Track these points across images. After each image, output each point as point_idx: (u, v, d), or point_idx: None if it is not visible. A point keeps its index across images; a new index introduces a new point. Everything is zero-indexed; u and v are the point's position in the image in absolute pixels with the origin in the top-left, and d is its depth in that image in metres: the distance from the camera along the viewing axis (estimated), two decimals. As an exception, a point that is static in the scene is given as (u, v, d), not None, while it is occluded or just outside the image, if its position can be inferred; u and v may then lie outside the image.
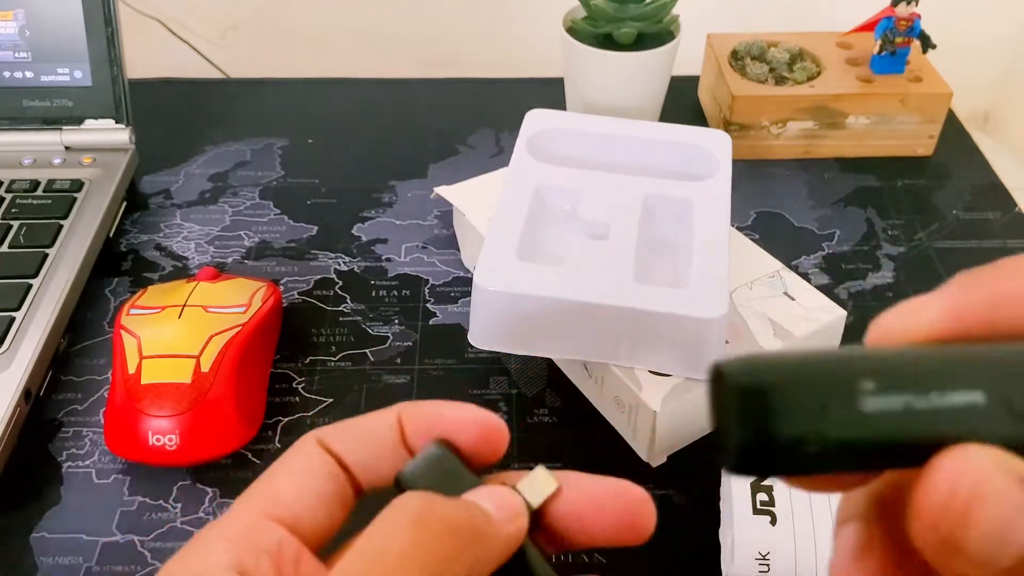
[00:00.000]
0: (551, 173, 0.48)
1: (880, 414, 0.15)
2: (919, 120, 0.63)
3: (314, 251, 0.56)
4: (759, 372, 0.15)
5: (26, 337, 0.46)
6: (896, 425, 0.15)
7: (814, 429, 0.15)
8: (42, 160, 0.58)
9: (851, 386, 0.15)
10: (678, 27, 0.61)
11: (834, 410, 0.15)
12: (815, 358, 0.16)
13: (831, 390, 0.15)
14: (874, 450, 0.15)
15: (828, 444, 0.15)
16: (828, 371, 0.15)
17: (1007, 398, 0.15)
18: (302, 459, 0.24)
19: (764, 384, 0.15)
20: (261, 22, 0.88)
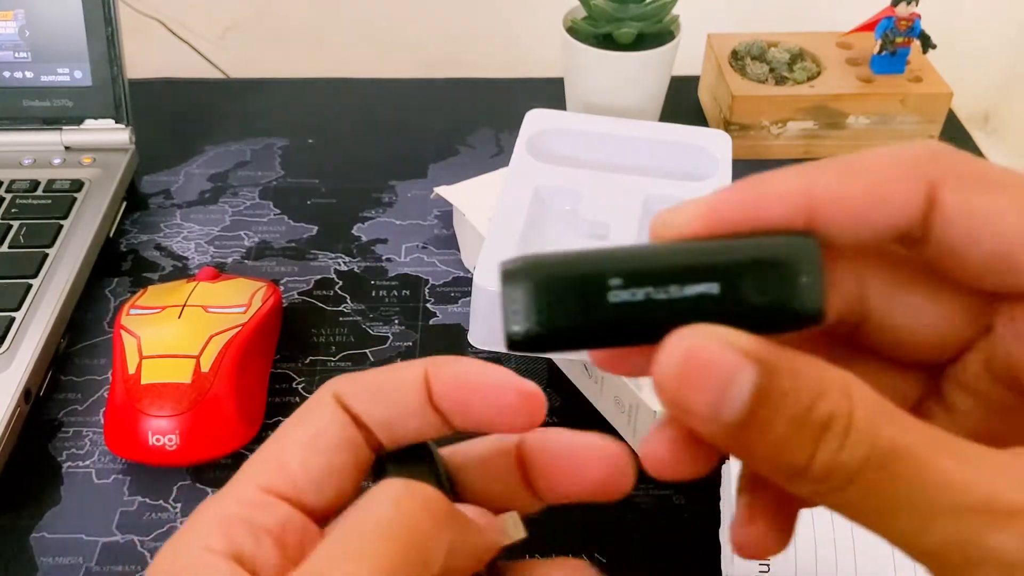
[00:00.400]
0: (551, 173, 0.48)
1: (624, 304, 0.18)
2: (919, 120, 0.63)
3: (314, 251, 0.56)
4: (530, 270, 0.19)
5: (26, 337, 0.46)
6: (637, 313, 0.18)
7: (571, 317, 0.18)
8: (42, 160, 0.58)
9: (602, 282, 0.18)
10: (678, 27, 0.61)
11: (588, 302, 0.18)
12: (577, 258, 0.19)
13: (585, 286, 0.18)
14: (620, 333, 0.19)
15: (582, 329, 0.18)
16: (585, 270, 0.18)
17: (736, 287, 0.18)
18: (315, 422, 0.22)
19: (532, 279, 0.18)
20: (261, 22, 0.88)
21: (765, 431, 0.17)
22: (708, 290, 0.18)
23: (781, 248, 0.19)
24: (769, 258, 0.19)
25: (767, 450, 0.18)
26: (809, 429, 0.17)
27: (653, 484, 0.43)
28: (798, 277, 0.19)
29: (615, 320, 0.18)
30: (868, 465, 0.17)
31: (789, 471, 0.18)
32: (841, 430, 0.17)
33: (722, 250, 0.19)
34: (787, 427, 0.17)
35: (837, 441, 0.17)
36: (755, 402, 0.17)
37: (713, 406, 0.17)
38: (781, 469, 0.18)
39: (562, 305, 0.18)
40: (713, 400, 0.17)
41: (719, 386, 0.17)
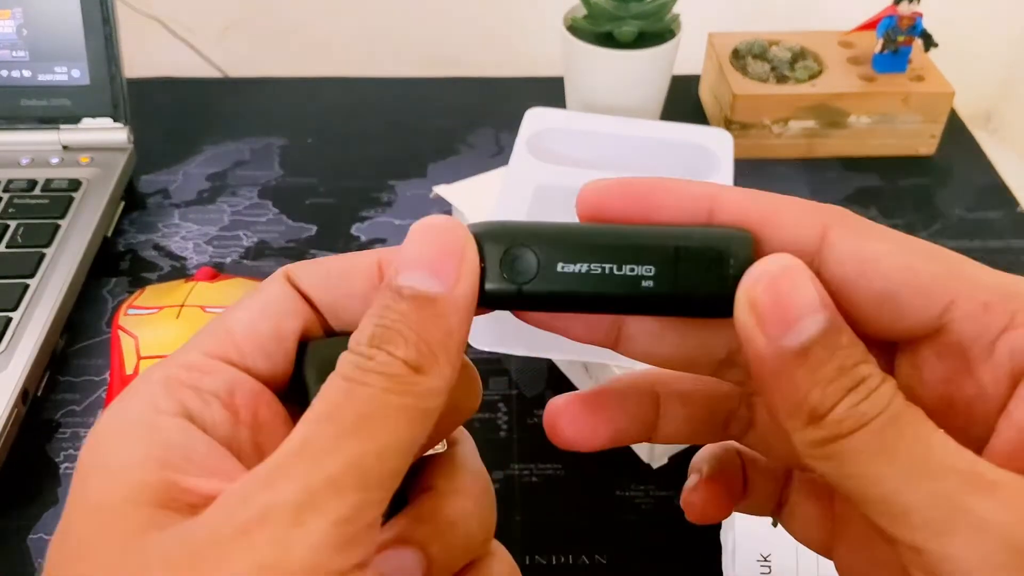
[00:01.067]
0: (551, 172, 0.48)
1: (570, 274, 0.21)
2: (921, 119, 0.63)
3: (313, 251, 0.56)
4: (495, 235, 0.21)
5: (23, 337, 0.46)
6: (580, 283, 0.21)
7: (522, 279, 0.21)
8: (40, 159, 0.57)
9: (554, 255, 0.21)
10: (679, 25, 0.61)
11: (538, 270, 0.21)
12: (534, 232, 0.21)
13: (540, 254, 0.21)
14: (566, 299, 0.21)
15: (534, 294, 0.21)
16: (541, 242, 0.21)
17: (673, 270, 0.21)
18: (263, 295, 0.22)
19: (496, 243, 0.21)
20: (260, 21, 0.88)
21: (815, 368, 0.19)
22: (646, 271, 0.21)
23: (719, 238, 0.21)
24: (707, 246, 0.20)
25: (804, 385, 0.19)
26: (848, 379, 0.19)
27: (654, 485, 0.43)
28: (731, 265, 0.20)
29: (565, 288, 0.21)
30: (880, 417, 0.18)
31: (811, 414, 0.19)
32: (871, 388, 0.19)
33: (662, 234, 0.21)
34: (834, 371, 0.19)
35: (864, 394, 0.19)
36: (817, 340, 0.19)
37: (785, 323, 0.19)
38: (805, 409, 0.19)
39: (516, 269, 0.21)
40: (785, 319, 0.19)
41: (798, 307, 0.19)
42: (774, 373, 0.19)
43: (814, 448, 0.19)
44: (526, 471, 0.43)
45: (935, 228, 0.58)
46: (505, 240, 0.21)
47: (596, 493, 0.43)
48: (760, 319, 0.19)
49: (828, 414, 0.19)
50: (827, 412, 0.19)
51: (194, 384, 0.20)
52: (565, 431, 0.24)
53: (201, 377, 0.20)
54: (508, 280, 0.21)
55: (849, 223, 0.21)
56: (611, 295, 0.21)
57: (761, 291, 0.19)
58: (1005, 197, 0.61)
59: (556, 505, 0.42)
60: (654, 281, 0.21)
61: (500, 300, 0.21)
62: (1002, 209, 0.60)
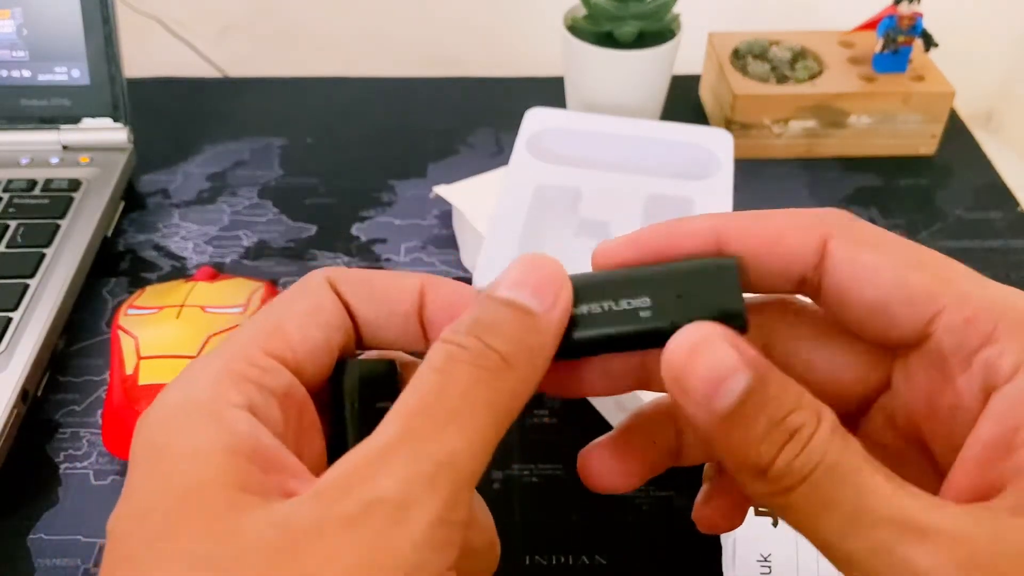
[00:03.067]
0: (551, 172, 0.48)
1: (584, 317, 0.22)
2: (921, 119, 0.63)
3: (313, 251, 0.56)
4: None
5: (23, 337, 0.46)
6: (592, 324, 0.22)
7: None
8: (39, 159, 0.57)
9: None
10: (679, 25, 0.61)
11: None
12: None
13: None
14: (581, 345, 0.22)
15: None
16: None
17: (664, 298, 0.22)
18: (313, 298, 0.22)
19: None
20: (260, 21, 0.88)
21: (746, 427, 0.20)
22: (641, 303, 0.22)
23: (705, 265, 0.22)
24: (695, 272, 0.22)
25: (742, 444, 0.20)
26: (780, 433, 0.20)
27: (654, 486, 0.43)
28: (719, 288, 0.22)
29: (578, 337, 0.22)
30: (816, 471, 0.19)
31: (754, 469, 0.20)
32: (804, 439, 0.19)
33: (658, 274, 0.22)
34: (764, 427, 0.20)
35: (799, 448, 0.19)
36: (744, 399, 0.20)
37: (709, 395, 0.20)
38: (748, 466, 0.20)
39: None
40: (710, 390, 0.20)
41: (717, 378, 0.20)
42: (714, 437, 0.20)
43: (765, 500, 0.20)
44: (526, 471, 0.43)
45: (935, 228, 0.58)
46: None
47: (596, 493, 0.42)
48: (684, 391, 0.20)
49: (769, 468, 0.20)
50: (767, 466, 0.20)
51: (257, 380, 0.20)
52: (602, 480, 0.25)
53: (262, 374, 0.20)
54: None
55: (847, 232, 0.22)
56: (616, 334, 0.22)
57: (681, 365, 0.20)
58: (1005, 197, 0.61)
59: (556, 505, 0.42)
60: (651, 311, 0.22)
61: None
62: (1002, 209, 0.60)
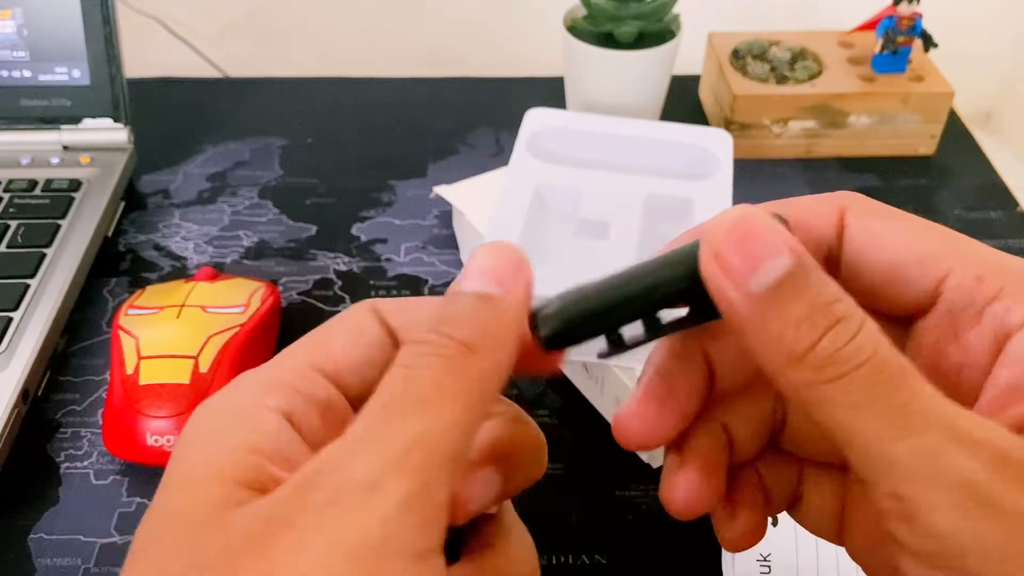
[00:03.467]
0: (551, 172, 0.48)
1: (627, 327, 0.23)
2: (921, 119, 0.63)
3: (313, 251, 0.56)
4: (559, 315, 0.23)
5: (24, 337, 0.46)
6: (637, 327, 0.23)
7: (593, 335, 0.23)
8: (40, 159, 0.58)
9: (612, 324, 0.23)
10: (679, 26, 0.61)
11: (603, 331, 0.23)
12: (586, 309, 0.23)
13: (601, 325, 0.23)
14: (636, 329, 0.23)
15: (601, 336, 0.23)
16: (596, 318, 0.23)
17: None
18: (356, 321, 0.23)
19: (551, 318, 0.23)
20: (260, 21, 0.88)
21: (785, 306, 0.19)
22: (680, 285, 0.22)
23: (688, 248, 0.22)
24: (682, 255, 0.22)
25: (780, 325, 0.19)
26: (824, 317, 0.19)
27: (654, 485, 0.43)
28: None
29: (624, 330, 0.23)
30: (867, 364, 0.19)
31: (789, 355, 0.19)
32: (852, 329, 0.19)
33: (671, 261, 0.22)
34: (805, 309, 0.19)
35: (847, 336, 0.19)
36: (784, 280, 0.19)
37: (746, 271, 0.19)
38: (782, 351, 0.19)
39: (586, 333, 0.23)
40: (749, 264, 0.19)
41: (757, 255, 0.19)
42: (746, 320, 0.20)
43: (799, 392, 0.20)
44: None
45: (935, 228, 0.58)
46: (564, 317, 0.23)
47: (596, 493, 0.43)
48: (724, 267, 0.20)
49: (807, 354, 0.19)
50: (805, 352, 0.19)
51: (298, 388, 0.21)
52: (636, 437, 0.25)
53: (304, 383, 0.21)
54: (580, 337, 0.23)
55: (863, 205, 0.23)
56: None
57: (722, 239, 0.20)
58: (1005, 197, 0.61)
59: (556, 505, 0.42)
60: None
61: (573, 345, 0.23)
62: (1002, 209, 0.60)
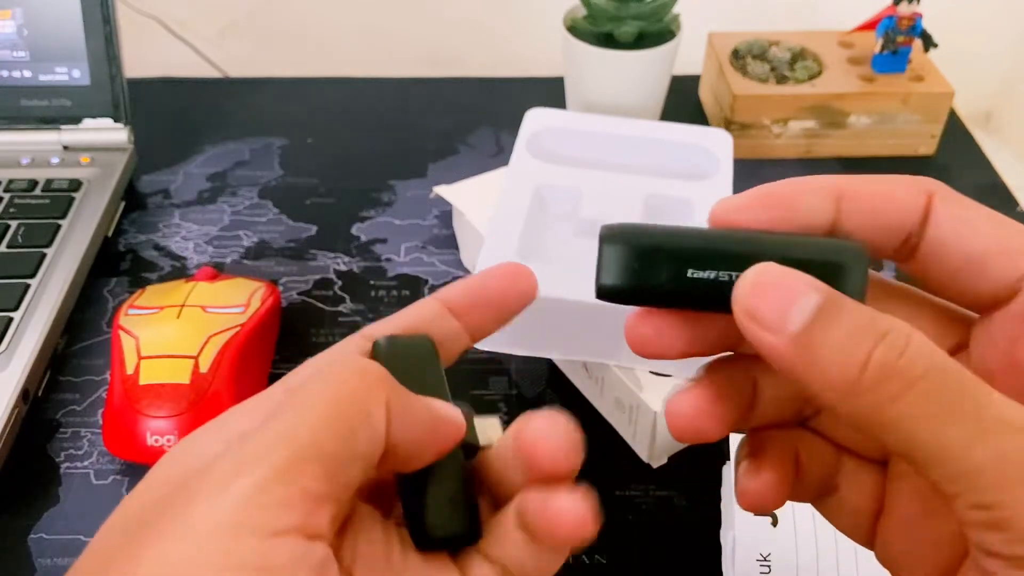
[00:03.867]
0: (551, 172, 0.48)
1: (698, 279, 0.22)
2: (921, 119, 0.63)
3: (313, 251, 0.56)
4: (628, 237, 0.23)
5: (24, 337, 0.46)
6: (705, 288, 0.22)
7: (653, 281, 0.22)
8: (40, 159, 0.58)
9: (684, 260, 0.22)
10: (679, 26, 0.61)
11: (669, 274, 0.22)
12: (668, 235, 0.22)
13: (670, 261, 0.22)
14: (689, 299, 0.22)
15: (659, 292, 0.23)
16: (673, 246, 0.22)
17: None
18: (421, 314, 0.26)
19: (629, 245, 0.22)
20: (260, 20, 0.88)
21: (826, 335, 0.19)
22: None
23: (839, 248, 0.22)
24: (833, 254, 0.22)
25: (825, 356, 0.19)
26: (869, 333, 0.19)
27: (654, 485, 0.43)
28: (850, 274, 0.22)
29: (687, 290, 0.22)
30: (929, 375, 0.19)
31: (844, 380, 0.19)
32: (901, 341, 0.19)
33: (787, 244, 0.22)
34: (847, 330, 0.19)
35: (898, 348, 0.19)
36: (818, 314, 0.20)
37: (779, 317, 0.20)
38: (836, 379, 0.19)
39: (648, 271, 0.22)
40: (780, 311, 0.20)
41: (785, 300, 0.20)
42: (794, 361, 0.20)
43: (865, 419, 0.19)
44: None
45: (935, 228, 0.58)
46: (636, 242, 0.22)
47: (596, 493, 0.43)
48: (760, 322, 0.20)
49: (863, 375, 0.19)
50: (860, 372, 0.19)
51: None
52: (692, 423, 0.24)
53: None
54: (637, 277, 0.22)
55: (950, 192, 0.23)
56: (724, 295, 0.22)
57: (748, 299, 0.21)
58: (1005, 197, 0.61)
59: (556, 505, 0.42)
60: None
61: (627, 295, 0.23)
62: (1002, 209, 0.59)
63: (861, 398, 0.19)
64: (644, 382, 0.42)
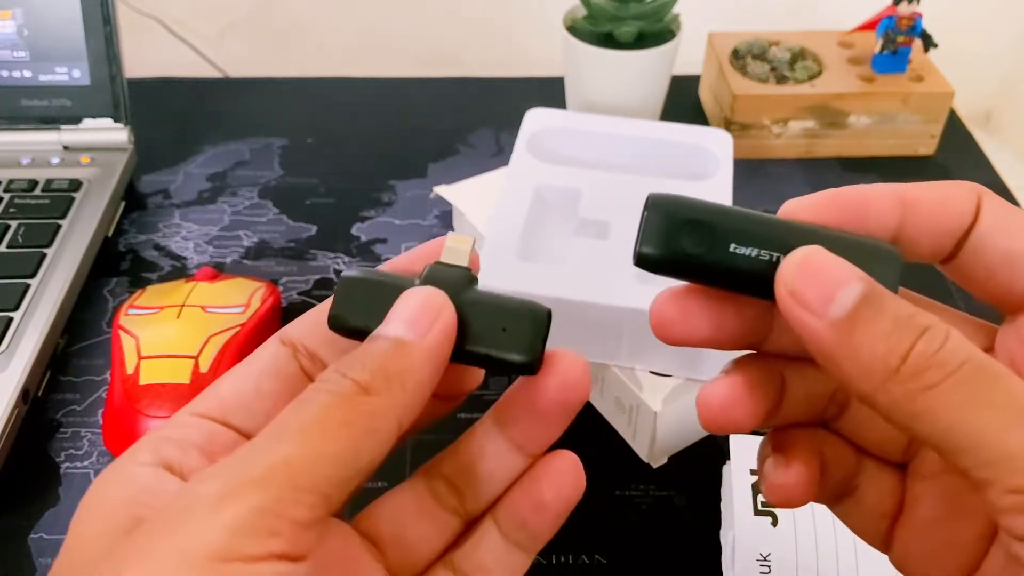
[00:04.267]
0: (551, 172, 0.48)
1: (740, 256, 0.22)
2: (921, 119, 0.63)
3: (313, 251, 0.56)
4: (674, 207, 0.22)
5: (24, 337, 0.46)
6: (746, 266, 0.22)
7: (694, 253, 0.22)
8: (40, 159, 0.58)
9: (728, 236, 0.22)
10: (679, 26, 0.61)
11: (712, 247, 0.22)
12: (715, 210, 0.22)
13: (715, 234, 0.22)
14: (728, 277, 0.22)
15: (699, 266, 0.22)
16: (719, 221, 0.22)
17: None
18: (252, 357, 0.25)
19: (674, 215, 0.22)
20: (261, 21, 0.88)
21: (868, 325, 0.20)
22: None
23: (877, 249, 0.22)
24: (870, 252, 0.22)
25: (866, 345, 0.20)
26: (911, 327, 0.20)
27: (654, 485, 0.43)
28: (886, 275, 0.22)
29: (728, 265, 0.22)
30: (965, 367, 0.19)
31: (885, 369, 0.20)
32: (941, 336, 0.20)
33: (828, 237, 0.22)
34: (890, 323, 0.20)
35: (937, 342, 0.20)
36: (861, 303, 0.20)
37: (823, 301, 0.20)
38: (875, 367, 0.20)
39: (691, 242, 0.22)
40: (824, 295, 0.20)
41: (831, 284, 0.20)
42: (834, 346, 0.20)
43: (901, 407, 0.20)
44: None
45: (935, 228, 0.58)
46: (682, 212, 0.22)
47: (596, 493, 0.43)
48: (803, 302, 0.21)
49: (902, 365, 0.19)
50: (900, 363, 0.20)
51: (173, 437, 0.22)
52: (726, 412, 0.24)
53: (182, 431, 0.23)
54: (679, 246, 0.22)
55: (994, 196, 0.24)
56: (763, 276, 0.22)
57: (793, 278, 0.21)
58: (1005, 197, 0.61)
59: (556, 505, 0.42)
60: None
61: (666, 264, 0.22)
62: (1002, 209, 0.60)
63: (899, 387, 0.20)
64: (644, 382, 0.42)
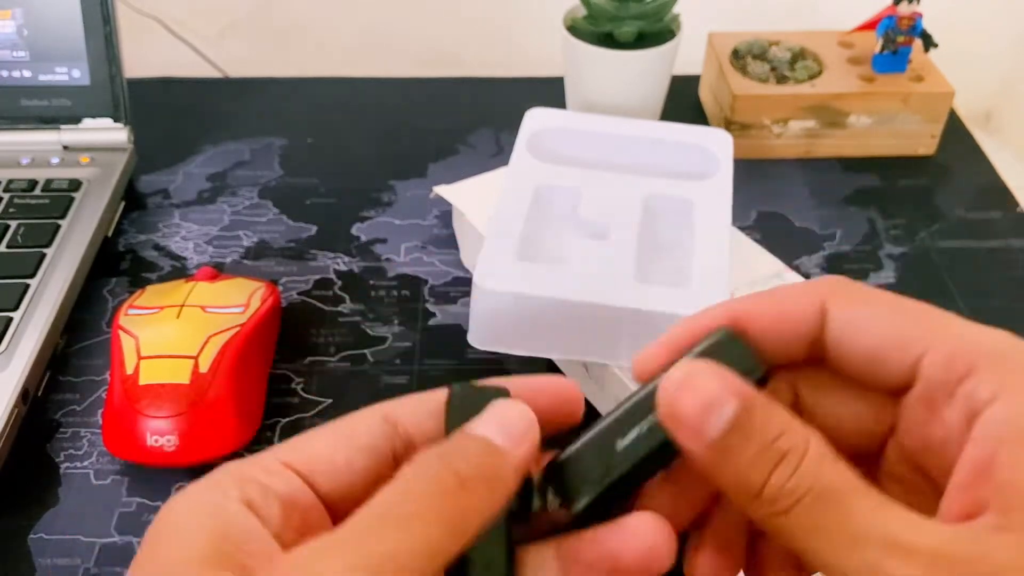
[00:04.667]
0: (551, 172, 0.48)
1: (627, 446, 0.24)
2: (921, 119, 0.63)
3: (313, 251, 0.56)
4: (563, 465, 0.25)
5: (24, 337, 0.46)
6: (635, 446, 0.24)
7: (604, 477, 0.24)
8: (40, 159, 0.58)
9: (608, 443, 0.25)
10: (679, 26, 0.61)
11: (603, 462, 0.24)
12: (578, 443, 0.25)
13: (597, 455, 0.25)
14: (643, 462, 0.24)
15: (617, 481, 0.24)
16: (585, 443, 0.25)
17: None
18: (355, 423, 0.25)
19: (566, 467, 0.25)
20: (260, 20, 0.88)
21: (737, 452, 0.22)
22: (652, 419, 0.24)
23: (704, 346, 0.24)
24: (713, 348, 0.24)
25: (735, 469, 0.22)
26: (770, 456, 0.22)
27: (654, 485, 0.43)
28: (723, 353, 0.24)
29: (630, 462, 0.24)
30: (809, 494, 0.21)
31: (748, 492, 0.22)
32: (795, 462, 0.21)
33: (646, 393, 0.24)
34: (754, 450, 0.22)
35: (790, 470, 0.21)
36: (733, 425, 0.22)
37: (700, 424, 0.22)
38: (742, 489, 0.22)
39: (594, 472, 0.24)
40: (700, 419, 0.22)
41: (706, 407, 0.22)
42: (708, 465, 0.22)
43: (763, 523, 0.22)
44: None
45: (935, 228, 0.58)
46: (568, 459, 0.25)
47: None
48: (680, 424, 0.22)
49: (762, 491, 0.22)
50: (760, 489, 0.22)
51: (259, 480, 0.23)
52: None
53: (268, 477, 0.23)
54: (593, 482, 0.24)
55: (842, 293, 0.25)
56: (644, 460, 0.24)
57: (671, 400, 0.22)
58: (1005, 197, 0.61)
59: (556, 505, 0.42)
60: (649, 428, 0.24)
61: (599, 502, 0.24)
62: (1002, 209, 0.60)
63: (760, 509, 0.22)
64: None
